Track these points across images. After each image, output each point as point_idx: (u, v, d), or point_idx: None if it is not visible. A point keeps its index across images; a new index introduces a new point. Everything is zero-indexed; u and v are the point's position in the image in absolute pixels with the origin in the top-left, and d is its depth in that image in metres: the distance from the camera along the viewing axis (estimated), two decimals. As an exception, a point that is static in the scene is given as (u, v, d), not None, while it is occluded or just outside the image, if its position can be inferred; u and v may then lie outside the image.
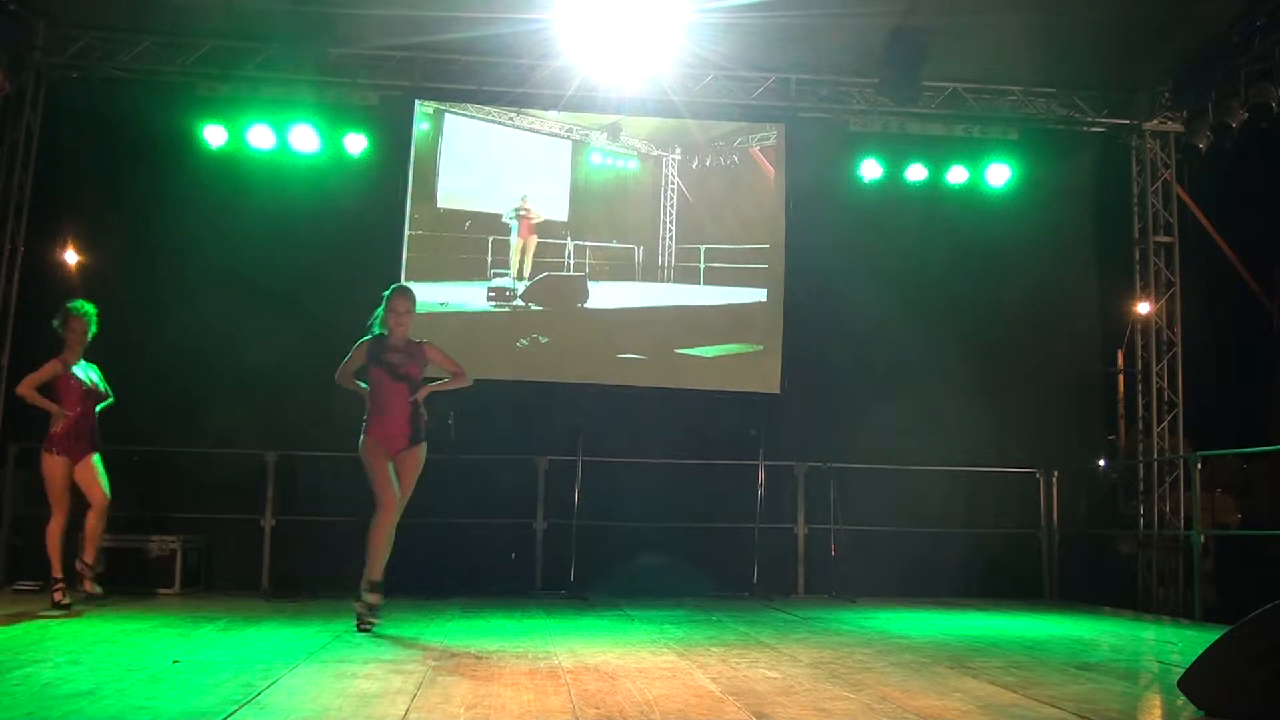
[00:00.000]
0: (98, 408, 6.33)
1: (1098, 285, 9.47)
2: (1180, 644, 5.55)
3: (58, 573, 5.99)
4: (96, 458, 6.21)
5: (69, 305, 6.31)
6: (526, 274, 8.81)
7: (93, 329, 6.30)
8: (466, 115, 8.88)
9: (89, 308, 6.32)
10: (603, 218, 8.96)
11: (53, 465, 6.08)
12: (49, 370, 6.16)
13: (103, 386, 6.40)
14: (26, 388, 6.13)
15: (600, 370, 8.79)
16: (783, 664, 4.41)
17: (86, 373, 6.30)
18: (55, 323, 6.23)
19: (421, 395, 5.55)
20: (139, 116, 8.39)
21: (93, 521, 6.12)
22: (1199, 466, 7.61)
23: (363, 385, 5.57)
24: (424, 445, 5.57)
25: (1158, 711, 3.70)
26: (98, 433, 6.28)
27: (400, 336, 5.54)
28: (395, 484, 5.38)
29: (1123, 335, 10.36)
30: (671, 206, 9.00)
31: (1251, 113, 7.89)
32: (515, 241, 8.80)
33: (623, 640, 5.19)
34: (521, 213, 8.82)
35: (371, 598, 5.35)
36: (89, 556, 6.10)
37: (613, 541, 8.13)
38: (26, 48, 8.03)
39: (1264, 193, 9.84)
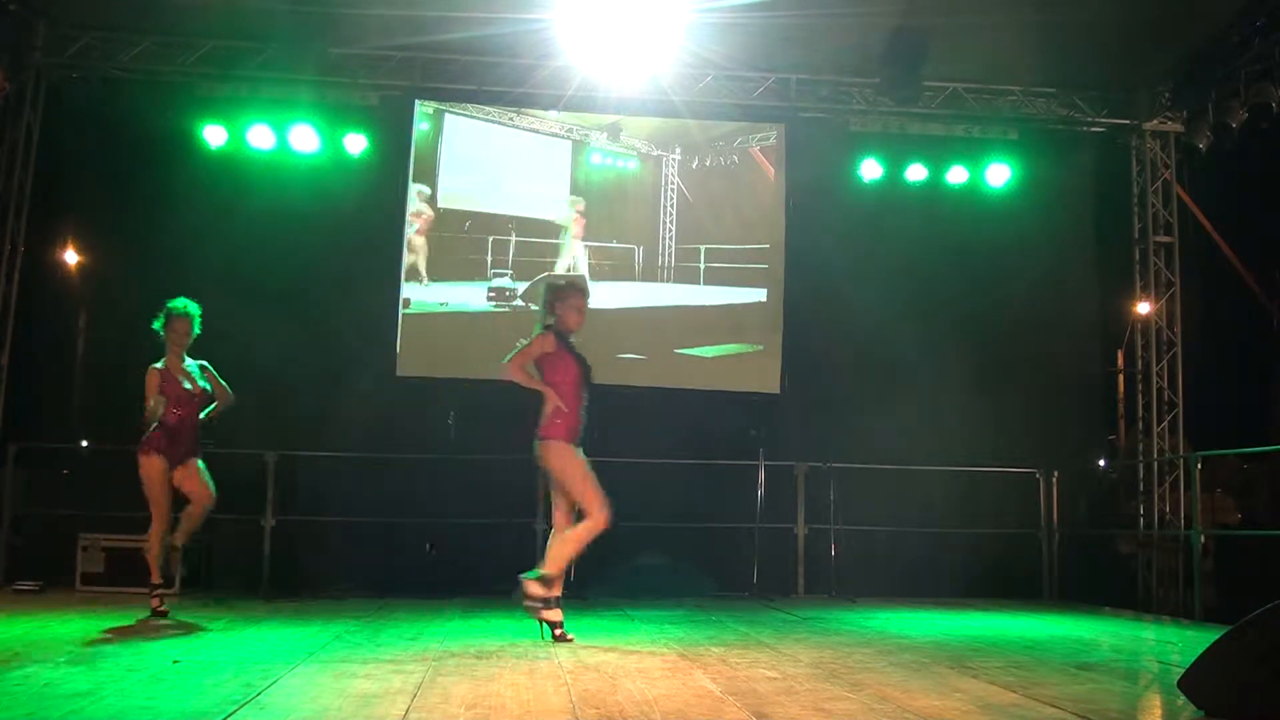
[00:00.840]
0: (203, 413, 5.99)
1: (1098, 285, 9.47)
2: (1180, 644, 5.55)
3: (156, 578, 5.75)
4: (200, 462, 5.92)
5: (170, 305, 5.91)
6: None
7: (196, 329, 5.94)
8: (466, 115, 8.88)
9: (193, 308, 5.95)
10: (603, 218, 8.96)
11: (150, 466, 5.71)
12: (152, 385, 5.75)
13: (211, 386, 6.04)
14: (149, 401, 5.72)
15: (600, 370, 8.71)
16: (783, 664, 4.41)
17: (188, 376, 5.93)
18: (156, 324, 5.87)
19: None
20: (139, 116, 8.40)
21: (194, 511, 5.85)
22: (1199, 466, 7.61)
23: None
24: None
25: (1158, 711, 3.70)
26: (199, 438, 5.96)
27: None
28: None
29: (1123, 335, 10.36)
30: (671, 206, 9.00)
31: (1251, 113, 7.89)
32: (568, 243, 8.85)
33: (623, 640, 5.19)
34: (576, 217, 8.86)
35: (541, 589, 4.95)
36: (179, 539, 5.83)
37: (613, 541, 8.07)
38: (26, 48, 8.04)
39: (1264, 193, 9.84)
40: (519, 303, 8.79)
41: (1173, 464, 8.86)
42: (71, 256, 9.14)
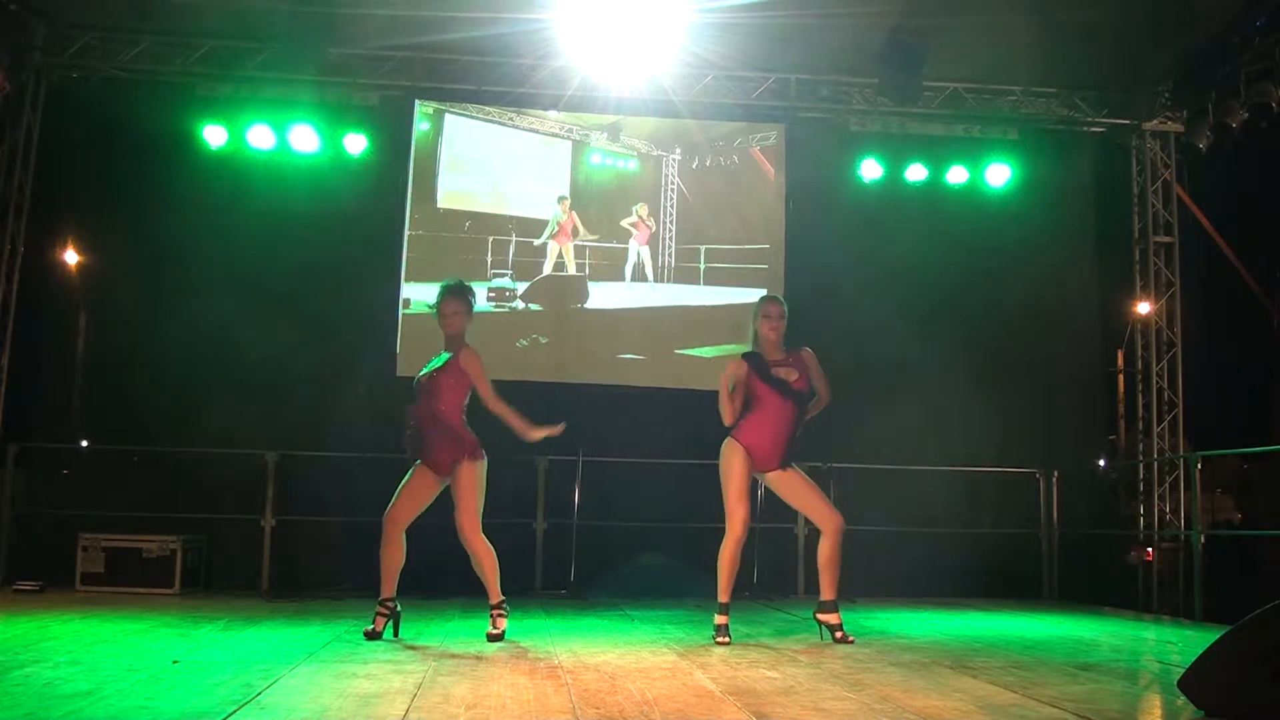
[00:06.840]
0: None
1: (1098, 285, 9.46)
2: (1180, 644, 5.55)
3: (496, 598, 5.09)
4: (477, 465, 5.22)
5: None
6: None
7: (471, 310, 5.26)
8: (466, 115, 8.88)
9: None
10: (603, 218, 8.96)
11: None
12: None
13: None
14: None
15: (600, 370, 8.78)
16: (783, 664, 4.41)
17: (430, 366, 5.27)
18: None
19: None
20: (139, 116, 8.39)
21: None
22: (1199, 466, 7.61)
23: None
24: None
25: (1158, 711, 3.70)
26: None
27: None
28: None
29: (1123, 335, 10.36)
30: (671, 207, 9.00)
31: (1251, 113, 7.89)
32: (550, 245, 8.83)
33: (623, 640, 5.19)
34: (561, 218, 8.83)
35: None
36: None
37: (613, 541, 8.12)
38: (26, 48, 8.03)
39: (1264, 193, 9.84)
40: (519, 303, 8.79)
41: (1173, 464, 8.86)
42: (71, 256, 9.15)
